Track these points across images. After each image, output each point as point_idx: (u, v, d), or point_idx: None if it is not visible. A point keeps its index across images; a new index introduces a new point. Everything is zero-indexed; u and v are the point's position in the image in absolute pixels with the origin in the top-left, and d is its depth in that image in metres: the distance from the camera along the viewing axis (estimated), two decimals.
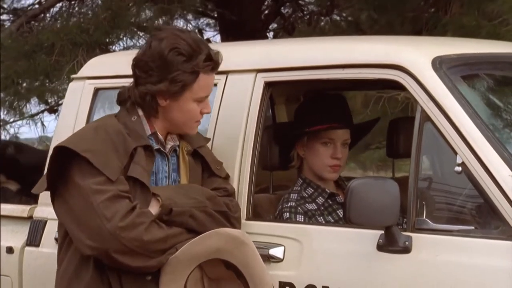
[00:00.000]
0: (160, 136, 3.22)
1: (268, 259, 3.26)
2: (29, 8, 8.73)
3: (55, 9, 8.54)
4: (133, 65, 3.19)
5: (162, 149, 3.22)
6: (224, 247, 3.04)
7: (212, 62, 3.16)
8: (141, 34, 7.91)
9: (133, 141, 3.11)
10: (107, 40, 7.72)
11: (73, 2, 8.50)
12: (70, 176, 3.07)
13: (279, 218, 3.59)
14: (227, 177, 3.32)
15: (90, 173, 3.02)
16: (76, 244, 3.08)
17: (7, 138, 9.25)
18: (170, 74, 3.10)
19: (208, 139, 3.42)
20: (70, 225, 3.08)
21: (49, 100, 8.96)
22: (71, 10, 8.34)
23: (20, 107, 8.53)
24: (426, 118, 3.08)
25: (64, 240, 3.19)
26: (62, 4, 8.52)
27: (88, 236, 3.00)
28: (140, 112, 3.19)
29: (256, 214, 3.53)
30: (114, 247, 2.96)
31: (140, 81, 3.16)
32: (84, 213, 3.00)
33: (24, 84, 7.98)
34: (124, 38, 7.90)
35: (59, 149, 3.09)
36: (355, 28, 8.24)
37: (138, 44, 7.97)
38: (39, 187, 3.21)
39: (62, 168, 3.10)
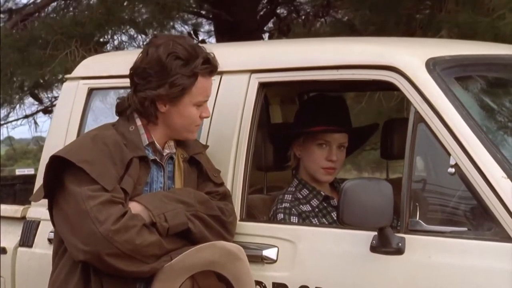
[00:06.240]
0: (158, 146, 3.22)
1: (262, 260, 3.26)
2: (25, 6, 8.74)
3: (50, 8, 8.55)
4: (131, 73, 3.20)
5: (158, 159, 3.21)
6: (218, 260, 3.05)
7: (210, 65, 3.18)
8: (134, 32, 7.91)
9: (130, 152, 3.11)
10: (100, 34, 7.72)
11: (68, 2, 8.50)
12: (65, 184, 3.06)
13: (273, 219, 3.59)
14: (222, 185, 3.32)
15: (86, 182, 3.02)
16: (71, 251, 3.07)
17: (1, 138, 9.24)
18: (169, 78, 3.11)
19: (206, 146, 3.41)
20: (65, 232, 3.08)
21: (43, 99, 8.94)
22: (65, 10, 8.34)
23: (13, 100, 8.51)
24: (420, 119, 3.08)
25: (60, 245, 3.18)
26: (57, 4, 8.51)
27: (82, 241, 2.99)
28: (139, 122, 3.20)
29: (250, 215, 3.52)
30: (107, 250, 2.95)
31: (139, 88, 3.17)
32: (78, 217, 3.00)
33: (19, 78, 7.97)
34: (118, 37, 7.91)
35: (55, 158, 3.09)
36: (350, 29, 8.23)
37: (132, 42, 7.97)
38: (37, 195, 3.22)
39: (58, 176, 3.09)
